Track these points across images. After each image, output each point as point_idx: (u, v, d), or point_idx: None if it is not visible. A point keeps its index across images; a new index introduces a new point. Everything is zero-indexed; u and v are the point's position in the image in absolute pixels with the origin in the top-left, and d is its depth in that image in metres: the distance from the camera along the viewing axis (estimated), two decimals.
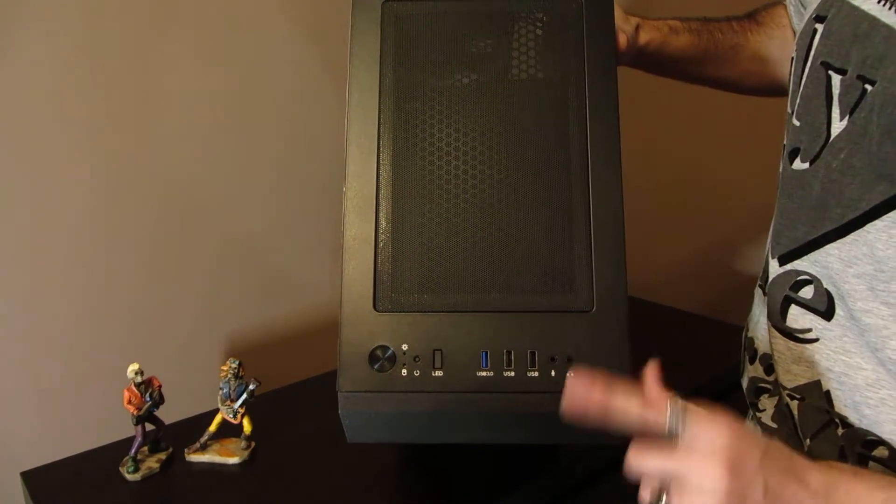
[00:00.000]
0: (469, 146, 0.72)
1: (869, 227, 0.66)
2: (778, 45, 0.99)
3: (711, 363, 1.22)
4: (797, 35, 0.80)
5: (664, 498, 0.59)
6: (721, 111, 1.19)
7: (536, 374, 0.68)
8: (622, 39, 0.87)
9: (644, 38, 0.94)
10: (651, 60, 0.96)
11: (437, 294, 0.70)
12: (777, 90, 1.01)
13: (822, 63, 0.72)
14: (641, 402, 0.61)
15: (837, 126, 0.69)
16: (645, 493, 0.61)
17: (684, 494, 0.57)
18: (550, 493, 1.00)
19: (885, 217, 0.65)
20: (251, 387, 1.03)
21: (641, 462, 0.60)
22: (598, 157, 0.73)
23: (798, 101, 0.76)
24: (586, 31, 0.76)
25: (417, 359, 0.68)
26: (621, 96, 0.75)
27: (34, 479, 1.00)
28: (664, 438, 0.59)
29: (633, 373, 0.68)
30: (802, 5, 0.93)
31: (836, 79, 0.70)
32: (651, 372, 0.64)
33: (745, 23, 1.01)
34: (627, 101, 0.77)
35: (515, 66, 0.75)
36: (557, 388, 0.68)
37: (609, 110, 0.74)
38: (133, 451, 1.00)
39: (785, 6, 1.00)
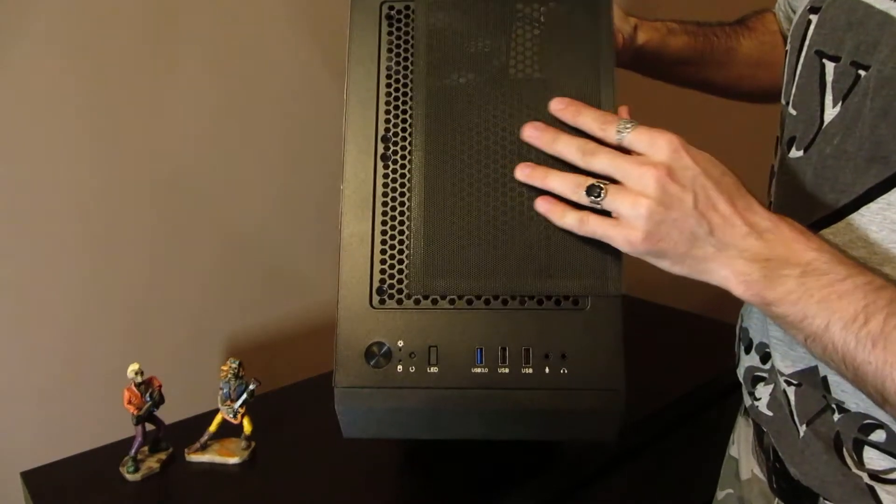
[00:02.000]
0: (466, 146, 0.72)
1: (863, 210, 0.68)
2: (769, 50, 1.01)
3: (711, 363, 1.22)
4: (791, 28, 0.81)
5: (602, 194, 0.65)
6: (719, 110, 1.20)
7: (531, 370, 0.68)
8: (619, 39, 0.88)
9: (643, 38, 0.94)
10: (649, 61, 0.97)
11: (433, 291, 0.70)
12: (769, 96, 1.02)
13: (816, 52, 0.73)
14: (600, 116, 0.68)
15: (830, 112, 0.70)
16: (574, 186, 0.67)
17: (620, 194, 0.64)
18: (550, 492, 1.01)
19: (878, 199, 0.66)
20: (251, 387, 1.03)
21: (591, 158, 0.66)
22: None
23: (793, 90, 0.77)
24: (584, 31, 0.76)
25: (413, 355, 0.68)
26: (619, 96, 0.75)
27: (34, 479, 1.00)
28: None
29: (627, 369, 0.69)
30: (792, 10, 0.94)
31: (829, 66, 0.71)
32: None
33: (737, 28, 1.02)
34: (625, 101, 0.77)
35: (513, 65, 0.75)
36: (551, 384, 0.68)
37: (606, 109, 0.74)
38: (133, 451, 1.00)
39: (774, 13, 1.01)
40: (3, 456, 1.14)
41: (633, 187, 0.63)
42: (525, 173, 0.69)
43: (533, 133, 0.70)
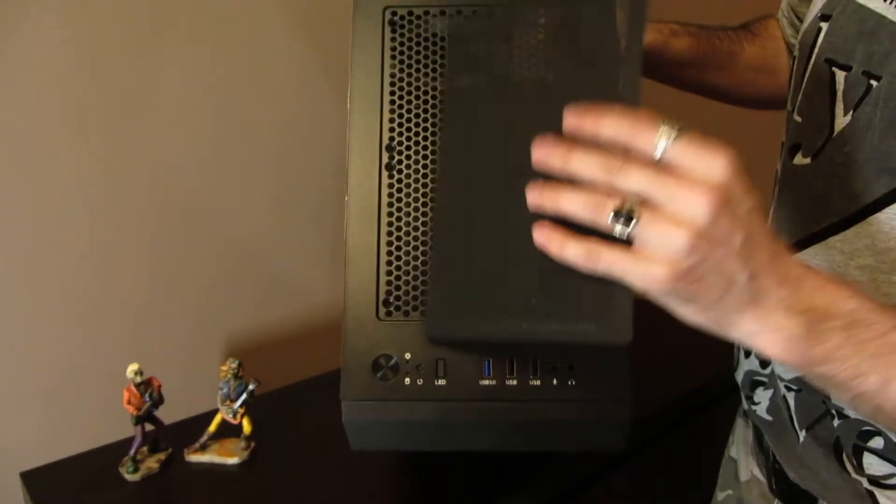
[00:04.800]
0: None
1: (871, 219, 0.68)
2: (772, 56, 1.01)
3: (711, 363, 1.22)
4: (800, 35, 0.80)
5: (633, 218, 0.52)
6: (720, 112, 1.20)
7: (538, 382, 0.68)
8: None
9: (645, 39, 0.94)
10: (651, 63, 0.96)
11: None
12: (770, 102, 1.02)
13: (825, 60, 0.73)
14: (631, 122, 0.53)
15: (841, 121, 0.70)
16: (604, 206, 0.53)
17: (658, 220, 0.51)
18: (549, 493, 1.01)
19: (887, 209, 0.67)
20: (251, 387, 1.03)
21: (624, 175, 0.52)
22: None
23: (800, 97, 0.77)
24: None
25: (420, 367, 0.68)
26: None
27: (34, 479, 1.00)
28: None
29: (633, 380, 0.69)
30: (797, 17, 0.93)
31: (840, 75, 0.71)
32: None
33: (740, 32, 1.02)
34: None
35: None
36: (559, 396, 0.68)
37: None
38: (132, 451, 1.00)
39: (777, 19, 1.01)
40: (3, 456, 1.14)
41: (677, 213, 0.50)
42: (533, 198, 0.57)
43: (541, 154, 0.57)
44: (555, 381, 0.68)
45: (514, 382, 0.68)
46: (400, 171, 0.72)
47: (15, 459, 1.04)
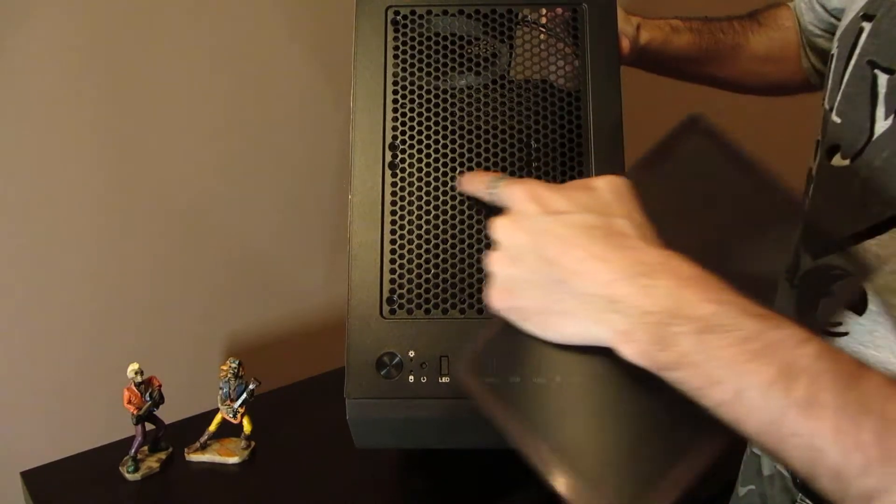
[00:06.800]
0: (474, 151, 0.72)
1: None
2: (779, 46, 1.00)
3: None
4: (839, 33, 0.80)
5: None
6: (722, 112, 1.19)
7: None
8: (624, 42, 0.88)
9: (645, 37, 0.94)
10: (652, 60, 0.97)
11: (443, 300, 0.70)
12: (776, 89, 1.02)
13: (868, 62, 0.72)
14: (482, 182, 0.66)
15: (882, 125, 0.69)
16: None
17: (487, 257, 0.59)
18: (548, 494, 1.01)
19: None
20: (251, 386, 1.03)
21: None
22: (601, 160, 0.73)
23: (839, 97, 0.76)
24: (589, 35, 0.76)
25: (424, 365, 0.68)
26: (622, 97, 0.75)
27: (34, 479, 1.00)
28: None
29: None
30: (820, 4, 0.93)
31: (882, 78, 0.70)
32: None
33: (746, 23, 1.01)
34: (627, 102, 0.78)
35: (519, 69, 0.75)
36: None
37: (612, 114, 0.74)
38: (133, 450, 1.00)
39: (789, 7, 1.00)
40: (3, 456, 1.14)
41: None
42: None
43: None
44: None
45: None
46: (403, 170, 0.72)
47: (15, 459, 1.04)
